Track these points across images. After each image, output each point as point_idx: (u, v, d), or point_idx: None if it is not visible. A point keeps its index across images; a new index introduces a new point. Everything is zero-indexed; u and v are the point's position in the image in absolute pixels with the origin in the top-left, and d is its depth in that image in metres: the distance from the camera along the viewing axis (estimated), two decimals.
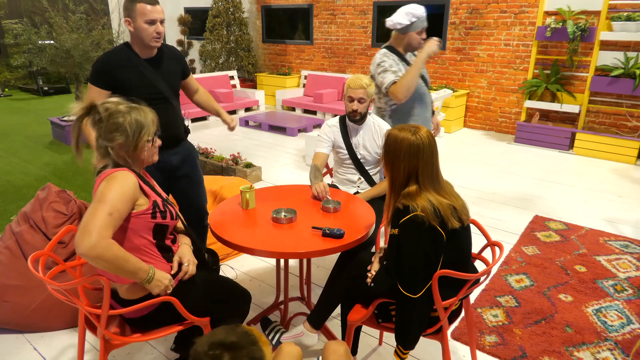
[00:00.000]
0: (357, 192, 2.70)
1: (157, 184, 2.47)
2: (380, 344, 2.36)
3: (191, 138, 3.68)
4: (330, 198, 2.31)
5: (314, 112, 8.00)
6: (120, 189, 1.56)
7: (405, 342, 1.69)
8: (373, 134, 2.66)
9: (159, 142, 1.76)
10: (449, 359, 1.83)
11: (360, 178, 2.72)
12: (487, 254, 2.77)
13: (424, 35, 2.82)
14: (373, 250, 2.24)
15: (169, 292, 1.69)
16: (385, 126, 2.69)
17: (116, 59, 2.27)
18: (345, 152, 2.67)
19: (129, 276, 1.58)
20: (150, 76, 2.30)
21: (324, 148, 2.66)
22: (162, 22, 2.24)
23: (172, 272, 1.76)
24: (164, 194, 1.86)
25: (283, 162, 5.42)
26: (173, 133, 2.42)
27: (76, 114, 1.63)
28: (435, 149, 1.72)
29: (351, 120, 2.63)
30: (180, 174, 2.49)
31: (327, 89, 7.95)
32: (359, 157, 2.67)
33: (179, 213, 1.86)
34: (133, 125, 1.63)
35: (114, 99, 1.67)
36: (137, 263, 1.58)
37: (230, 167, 4.76)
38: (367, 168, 2.70)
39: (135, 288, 1.69)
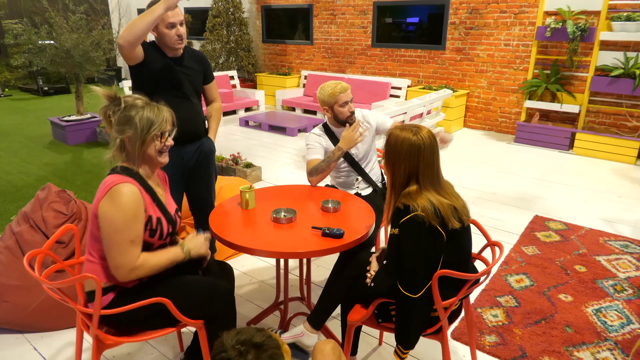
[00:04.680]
0: (357, 194, 2.70)
1: (173, 178, 2.44)
2: (380, 344, 2.36)
3: None
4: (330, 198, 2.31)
5: (314, 112, 8.00)
6: (128, 211, 1.58)
7: (405, 342, 1.69)
8: None
9: (170, 142, 1.77)
10: (449, 359, 1.83)
11: (357, 178, 2.72)
12: (487, 254, 2.77)
13: None
14: (373, 250, 2.24)
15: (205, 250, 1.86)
16: (366, 112, 2.76)
17: (147, 44, 2.40)
18: None
19: (172, 264, 1.73)
20: (172, 71, 2.43)
21: (317, 154, 2.62)
22: (181, 23, 2.36)
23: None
24: (171, 208, 1.82)
25: (283, 162, 5.42)
26: (190, 129, 2.53)
27: (103, 98, 1.69)
28: (436, 149, 1.72)
29: (342, 124, 2.63)
30: (195, 168, 2.61)
31: None
32: (353, 156, 2.68)
33: (174, 232, 1.83)
34: (144, 120, 1.66)
35: (136, 95, 1.73)
36: (170, 256, 1.72)
37: (230, 167, 4.76)
38: (362, 165, 2.71)
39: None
